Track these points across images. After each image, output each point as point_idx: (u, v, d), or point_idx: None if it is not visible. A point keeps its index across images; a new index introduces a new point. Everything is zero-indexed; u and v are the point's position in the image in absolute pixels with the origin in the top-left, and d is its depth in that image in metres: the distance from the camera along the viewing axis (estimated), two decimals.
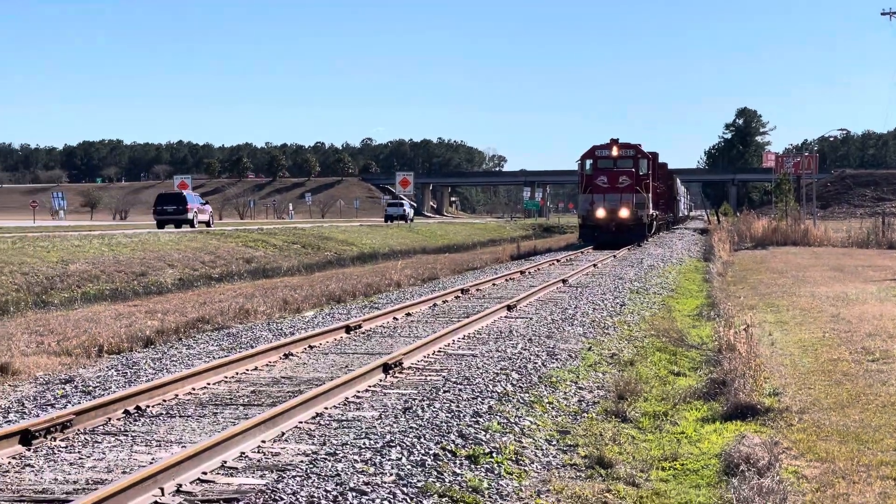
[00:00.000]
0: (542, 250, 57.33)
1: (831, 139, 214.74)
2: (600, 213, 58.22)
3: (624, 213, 58.03)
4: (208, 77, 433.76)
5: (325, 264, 51.05)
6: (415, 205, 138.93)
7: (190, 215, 67.13)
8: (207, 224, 69.48)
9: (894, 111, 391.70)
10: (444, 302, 26.69)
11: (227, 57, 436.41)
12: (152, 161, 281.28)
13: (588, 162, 59.97)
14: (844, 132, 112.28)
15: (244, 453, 10.71)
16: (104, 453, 10.94)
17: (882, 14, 66.13)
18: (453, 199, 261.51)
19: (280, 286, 33.09)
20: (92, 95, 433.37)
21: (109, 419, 12.40)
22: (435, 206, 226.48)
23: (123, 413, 12.69)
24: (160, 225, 67.40)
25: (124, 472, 10.06)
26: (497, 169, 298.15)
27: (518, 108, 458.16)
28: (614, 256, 46.94)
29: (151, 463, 10.24)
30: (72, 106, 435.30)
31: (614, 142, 59.89)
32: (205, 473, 9.91)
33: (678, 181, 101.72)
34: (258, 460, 10.56)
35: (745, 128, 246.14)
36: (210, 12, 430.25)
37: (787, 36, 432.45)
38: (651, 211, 61.74)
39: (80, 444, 11.34)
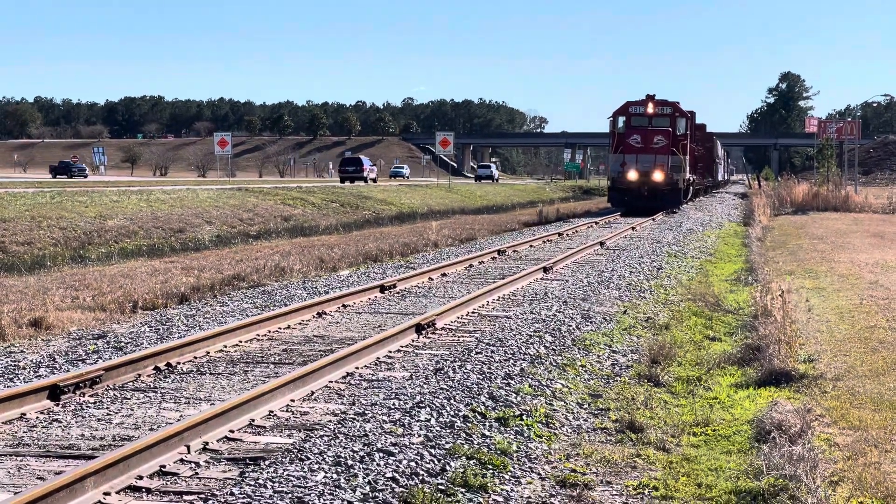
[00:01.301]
0: (580, 213, 57.17)
1: (875, 105, 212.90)
2: (632, 175, 53.22)
3: (658, 176, 53.16)
4: (250, 34, 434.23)
5: (363, 223, 51.07)
6: (498, 169, 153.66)
7: (365, 174, 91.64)
8: (374, 181, 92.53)
9: None
10: (480, 263, 26.61)
11: (268, 14, 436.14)
12: (193, 118, 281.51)
13: (621, 119, 55.07)
14: (889, 98, 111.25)
15: (272, 412, 10.68)
16: (132, 410, 10.93)
17: None
18: (494, 159, 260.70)
19: (317, 245, 33.10)
20: (134, 52, 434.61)
21: (139, 375, 12.40)
22: (475, 166, 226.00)
23: (154, 370, 12.69)
24: (342, 181, 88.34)
25: (151, 430, 10.04)
26: (538, 130, 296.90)
27: (560, 70, 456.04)
28: (653, 220, 46.56)
29: (179, 420, 10.23)
30: (114, 62, 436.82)
31: (650, 98, 55.38)
32: (232, 432, 9.88)
33: (718, 144, 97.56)
34: (286, 419, 10.53)
35: (788, 92, 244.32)
36: None
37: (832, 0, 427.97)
38: (688, 175, 57.16)
39: (108, 400, 11.34)
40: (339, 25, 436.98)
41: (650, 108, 54.80)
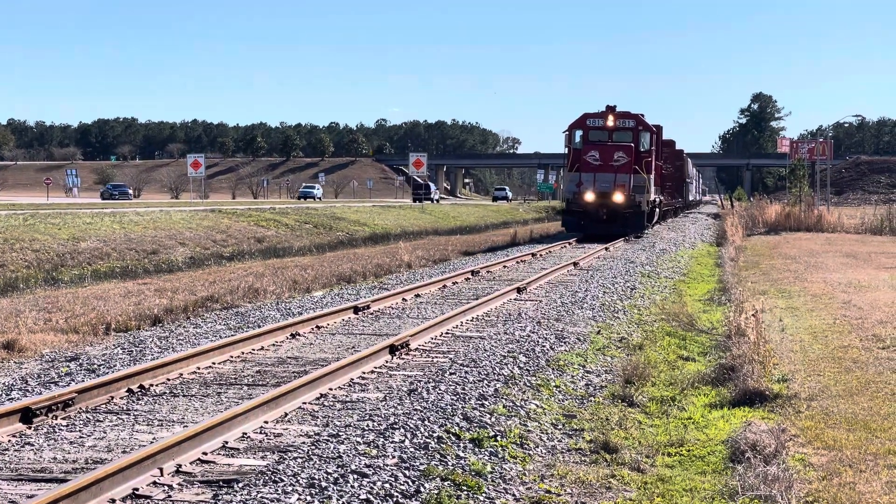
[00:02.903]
0: (554, 233, 57.19)
1: (846, 125, 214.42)
2: (589, 196, 47.28)
3: (618, 197, 47.15)
4: (223, 56, 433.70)
5: (337, 244, 50.98)
6: (506, 189, 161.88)
7: (432, 195, 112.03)
8: (437, 201, 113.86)
9: None
10: (453, 283, 26.60)
11: (242, 36, 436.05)
12: (167, 139, 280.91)
13: (577, 133, 48.97)
14: (860, 118, 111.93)
15: (246, 434, 10.64)
16: (105, 432, 10.87)
17: None
18: (467, 180, 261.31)
19: (291, 266, 33.03)
20: (107, 74, 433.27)
21: (112, 398, 12.33)
22: (448, 187, 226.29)
23: (126, 392, 12.63)
24: (415, 201, 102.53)
25: (124, 452, 9.99)
26: (511, 151, 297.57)
27: (533, 91, 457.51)
28: (625, 240, 44.94)
29: (152, 442, 10.17)
30: (87, 84, 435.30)
31: (610, 109, 49.10)
32: (205, 454, 9.83)
33: (689, 162, 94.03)
34: (260, 441, 10.49)
35: (760, 113, 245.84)
36: None
37: (803, 21, 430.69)
38: (653, 196, 51.01)
39: (81, 422, 11.27)
40: (311, 47, 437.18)
41: (610, 121, 48.64)
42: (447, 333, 17.84)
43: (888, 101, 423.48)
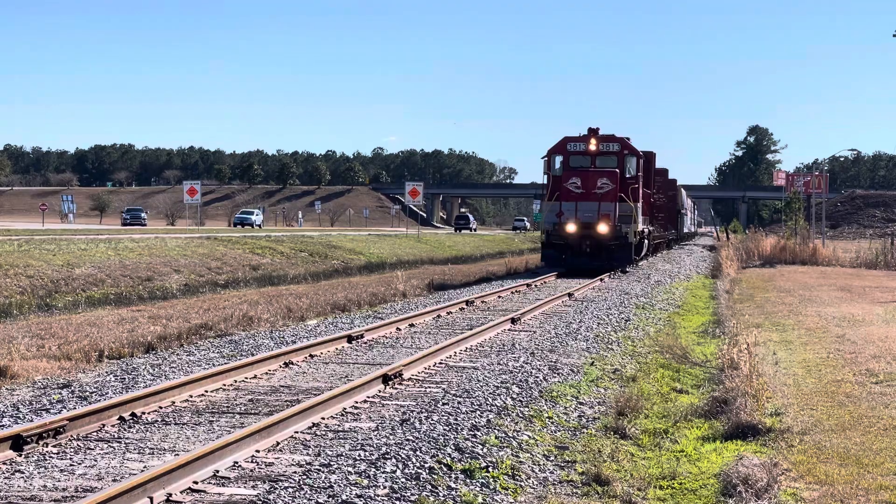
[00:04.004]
0: None
1: (842, 159, 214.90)
2: (570, 227, 43.61)
3: (602, 228, 43.54)
4: (220, 84, 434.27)
5: (332, 273, 50.96)
6: (524, 220, 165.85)
7: (471, 225, 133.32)
8: (475, 230, 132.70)
9: None
10: (448, 313, 26.58)
11: (240, 64, 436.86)
12: (163, 166, 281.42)
13: (557, 159, 45.44)
14: (855, 152, 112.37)
15: (237, 463, 10.60)
16: (96, 460, 10.84)
17: (894, 36, 65.68)
18: (463, 210, 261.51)
19: (285, 294, 33.01)
20: (104, 100, 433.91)
21: (104, 425, 12.30)
22: (445, 216, 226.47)
23: (118, 419, 12.60)
24: (456, 230, 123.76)
25: (115, 480, 9.96)
26: (507, 181, 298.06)
27: (529, 122, 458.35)
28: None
29: (143, 471, 10.15)
30: (84, 110, 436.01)
31: (592, 132, 45.39)
32: (196, 483, 9.81)
33: (683, 193, 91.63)
34: (251, 470, 10.46)
35: (757, 145, 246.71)
36: (224, 18, 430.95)
37: (799, 55, 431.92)
38: (641, 227, 46.86)
39: (72, 450, 11.24)
40: (309, 75, 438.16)
41: (593, 145, 44.95)
42: (441, 363, 17.83)
43: (884, 135, 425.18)
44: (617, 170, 44.37)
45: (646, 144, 53.72)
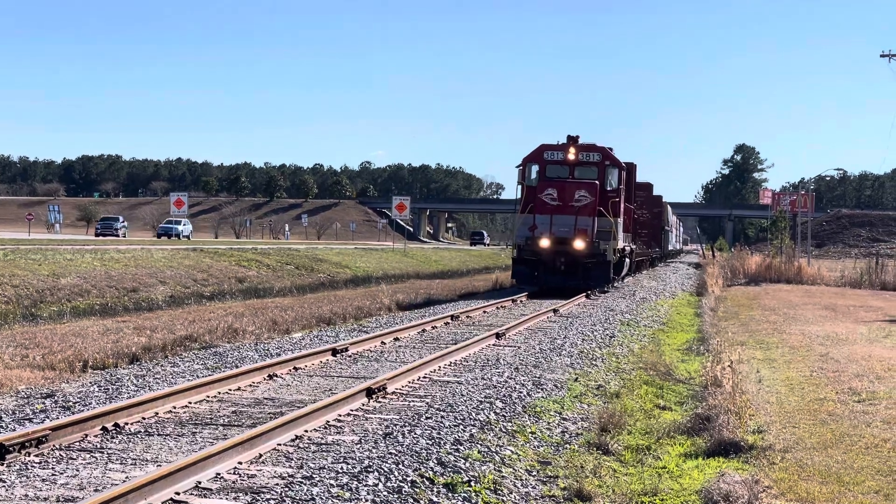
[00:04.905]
0: None
1: (828, 179, 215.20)
2: (544, 242, 40.40)
3: (579, 244, 40.25)
4: (208, 95, 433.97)
5: (318, 286, 50.95)
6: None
7: (485, 241, 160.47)
8: (486, 244, 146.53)
9: (891, 153, 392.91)
10: (433, 328, 26.60)
11: (228, 77, 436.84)
12: (150, 177, 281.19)
13: (532, 168, 42.17)
14: (841, 172, 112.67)
15: (220, 474, 10.60)
16: (78, 470, 10.83)
17: (881, 56, 65.98)
18: (450, 224, 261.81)
19: (271, 306, 33.01)
20: (92, 111, 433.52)
21: (86, 435, 12.29)
22: (431, 231, 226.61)
23: (101, 430, 12.59)
24: (472, 245, 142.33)
25: (96, 491, 9.96)
26: (494, 196, 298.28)
27: (517, 137, 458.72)
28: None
29: (125, 482, 10.14)
30: (71, 120, 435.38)
31: (572, 141, 42.13)
32: (178, 494, 9.80)
33: (669, 209, 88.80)
34: (233, 482, 10.46)
35: (743, 164, 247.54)
36: (212, 30, 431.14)
37: (786, 75, 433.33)
38: (621, 244, 43.86)
39: (54, 460, 11.23)
40: (297, 89, 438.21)
41: (571, 154, 41.58)
42: (425, 378, 17.84)
43: (870, 155, 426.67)
44: (597, 182, 41.22)
45: (632, 159, 51.81)
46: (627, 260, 48.15)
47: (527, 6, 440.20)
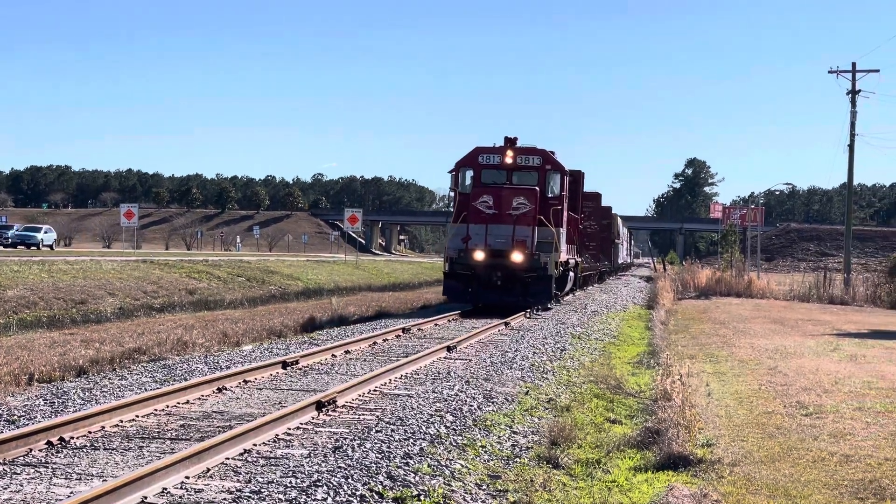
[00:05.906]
0: None
1: (777, 193, 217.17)
2: (479, 255, 36.77)
3: (517, 256, 36.66)
4: (159, 106, 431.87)
5: (269, 298, 50.79)
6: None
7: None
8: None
9: (839, 168, 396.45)
10: (384, 340, 26.54)
11: (179, 87, 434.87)
12: (101, 188, 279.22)
13: (467, 173, 38.55)
14: (790, 187, 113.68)
15: (166, 489, 10.50)
16: (21, 485, 10.70)
17: (829, 72, 66.66)
18: (402, 237, 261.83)
19: (221, 319, 32.86)
20: (41, 121, 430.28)
21: (31, 450, 12.15)
22: (384, 243, 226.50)
23: (46, 444, 12.44)
24: None
25: None
26: (447, 209, 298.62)
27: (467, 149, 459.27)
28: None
29: (69, 497, 10.02)
30: (19, 130, 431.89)
31: (509, 143, 38.61)
32: None
33: (619, 221, 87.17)
34: (180, 497, 10.36)
35: (694, 178, 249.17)
36: (165, 40, 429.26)
37: (736, 90, 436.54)
38: (565, 256, 39.98)
39: None
40: (249, 100, 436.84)
41: (509, 158, 38.13)
42: (375, 391, 17.78)
43: (818, 170, 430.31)
44: (537, 188, 37.73)
45: (584, 171, 49.31)
46: (572, 274, 44.66)
47: (483, 15, 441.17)
